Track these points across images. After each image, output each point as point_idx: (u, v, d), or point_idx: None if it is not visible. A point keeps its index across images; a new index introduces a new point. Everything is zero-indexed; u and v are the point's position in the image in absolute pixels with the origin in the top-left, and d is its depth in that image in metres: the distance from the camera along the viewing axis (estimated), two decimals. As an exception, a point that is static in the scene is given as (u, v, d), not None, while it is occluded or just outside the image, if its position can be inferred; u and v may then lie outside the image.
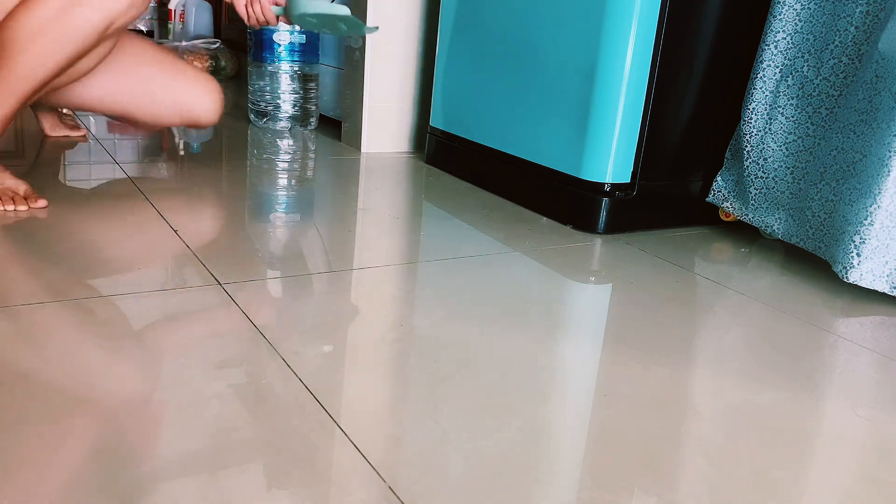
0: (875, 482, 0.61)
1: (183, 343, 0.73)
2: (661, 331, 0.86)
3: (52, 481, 0.51)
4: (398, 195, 1.42)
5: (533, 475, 0.57)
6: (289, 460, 0.56)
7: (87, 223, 1.06)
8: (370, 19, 1.64)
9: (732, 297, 0.99)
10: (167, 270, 0.92)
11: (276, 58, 1.79)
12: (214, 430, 0.59)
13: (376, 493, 0.53)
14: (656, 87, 1.16)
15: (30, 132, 1.55)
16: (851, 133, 1.03)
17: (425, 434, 0.61)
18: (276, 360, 0.70)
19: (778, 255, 1.20)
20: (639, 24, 1.12)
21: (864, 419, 0.70)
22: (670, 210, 1.28)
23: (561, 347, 0.80)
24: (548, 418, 0.65)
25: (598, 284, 1.02)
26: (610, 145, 1.17)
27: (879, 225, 0.98)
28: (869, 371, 0.82)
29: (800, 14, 1.10)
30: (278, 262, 0.99)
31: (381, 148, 1.73)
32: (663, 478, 0.58)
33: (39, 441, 0.55)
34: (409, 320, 0.84)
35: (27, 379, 0.64)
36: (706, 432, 0.65)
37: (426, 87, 1.71)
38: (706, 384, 0.74)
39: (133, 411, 0.61)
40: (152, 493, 0.51)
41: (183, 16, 2.81)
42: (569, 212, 1.24)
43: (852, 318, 0.96)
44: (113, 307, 0.79)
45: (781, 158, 1.15)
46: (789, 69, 1.13)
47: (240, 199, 1.30)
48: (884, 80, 0.97)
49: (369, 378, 0.70)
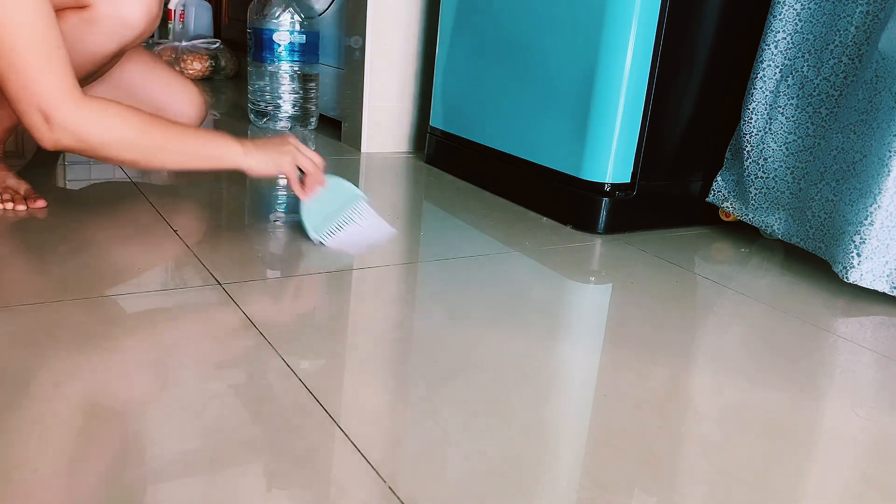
0: (875, 482, 0.61)
1: (183, 343, 0.73)
2: (661, 331, 0.86)
3: (51, 481, 0.51)
4: (398, 195, 1.42)
5: (533, 475, 0.57)
6: (289, 460, 0.56)
7: (87, 223, 1.06)
8: (370, 19, 1.64)
9: (732, 297, 0.99)
10: (167, 270, 0.92)
11: (276, 58, 1.79)
12: (214, 430, 0.59)
13: (376, 493, 0.53)
14: (656, 87, 1.16)
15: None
16: (851, 133, 1.03)
17: (425, 434, 0.61)
18: (276, 360, 0.70)
19: (778, 255, 1.20)
20: (639, 24, 1.12)
21: (864, 419, 0.70)
22: (670, 210, 1.28)
23: (561, 347, 0.80)
24: (548, 418, 0.65)
25: (598, 284, 1.02)
26: (610, 145, 1.17)
27: (879, 225, 0.98)
28: (869, 371, 0.82)
29: (800, 14, 1.10)
30: (278, 262, 0.99)
31: (381, 148, 1.73)
32: (663, 478, 0.58)
33: (39, 441, 0.55)
34: (409, 320, 0.84)
35: (26, 379, 0.64)
36: (706, 432, 0.65)
37: (426, 87, 1.71)
38: (706, 384, 0.74)
39: (133, 411, 0.61)
40: (152, 493, 0.51)
41: (183, 16, 2.81)
42: (569, 212, 1.24)
43: (852, 318, 0.96)
44: (113, 307, 0.79)
45: (781, 158, 1.15)
46: (789, 69, 1.13)
47: (240, 200, 1.30)
48: (884, 80, 0.97)
49: (369, 378, 0.70)
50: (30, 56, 0.87)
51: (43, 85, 0.88)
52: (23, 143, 1.46)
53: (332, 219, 1.06)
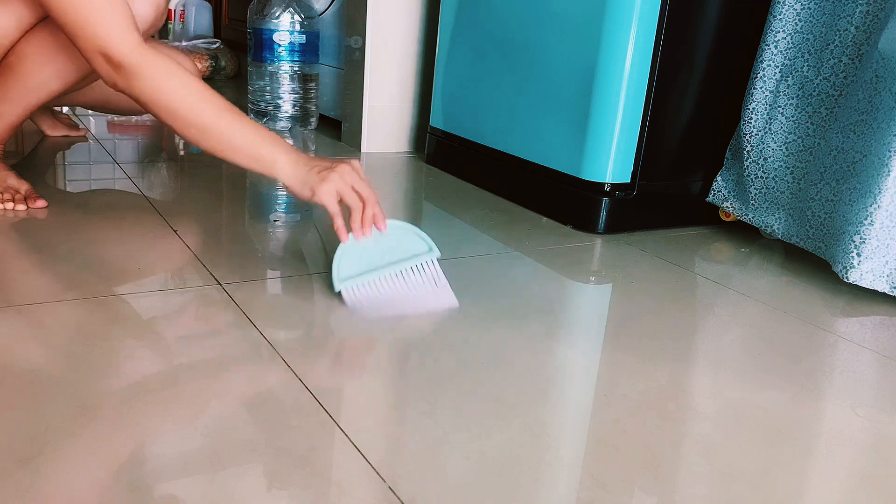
0: (875, 482, 0.61)
1: (183, 343, 0.73)
2: (660, 331, 0.86)
3: (51, 482, 0.51)
4: (398, 195, 1.42)
5: (533, 475, 0.57)
6: (289, 460, 0.56)
7: (87, 223, 1.06)
8: (370, 19, 1.64)
9: (732, 297, 0.99)
10: (167, 270, 0.92)
11: (276, 58, 1.79)
12: (214, 430, 0.59)
13: (376, 493, 0.53)
14: (656, 87, 1.16)
15: (29, 132, 1.55)
16: (851, 133, 1.03)
17: (425, 434, 0.61)
18: (276, 360, 0.70)
19: (778, 255, 1.20)
20: (639, 24, 1.12)
21: (864, 419, 0.70)
22: (670, 210, 1.28)
23: (561, 347, 0.80)
24: (548, 418, 0.65)
25: (598, 284, 1.02)
26: (610, 145, 1.17)
27: (879, 225, 0.98)
28: (869, 371, 0.82)
29: (800, 14, 1.10)
30: (278, 262, 0.99)
31: (381, 148, 1.73)
32: (663, 478, 0.58)
33: (39, 441, 0.55)
34: (409, 320, 0.84)
35: (27, 378, 0.63)
36: (706, 432, 0.65)
37: (426, 87, 1.71)
38: (706, 384, 0.74)
39: (133, 411, 0.61)
40: (152, 493, 0.51)
41: (183, 16, 2.81)
42: (569, 212, 1.24)
43: (852, 318, 0.96)
44: (113, 307, 0.79)
45: (781, 158, 1.15)
46: (789, 69, 1.13)
47: (240, 200, 1.30)
48: (884, 80, 0.97)
49: (369, 378, 0.70)
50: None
51: (105, 26, 0.87)
52: (23, 144, 1.47)
53: (373, 272, 0.85)
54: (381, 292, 0.85)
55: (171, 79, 0.89)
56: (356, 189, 0.85)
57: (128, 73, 0.88)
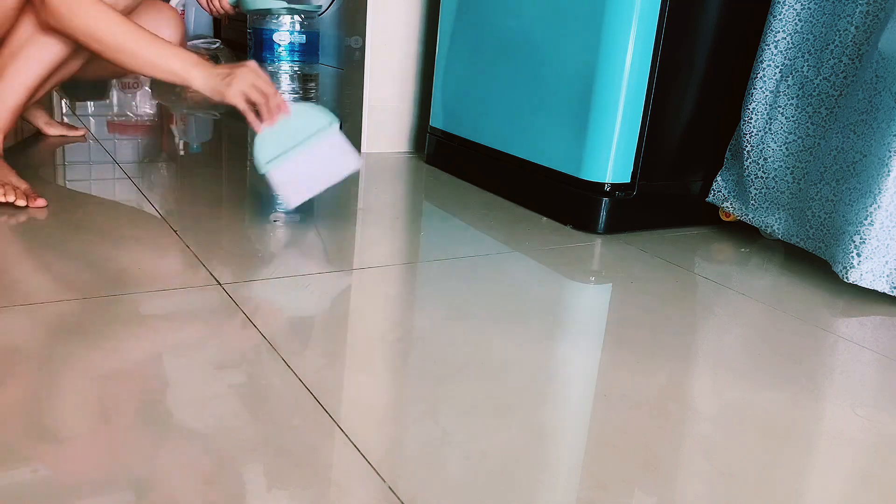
0: (875, 482, 0.61)
1: (183, 343, 0.73)
2: (661, 331, 0.86)
3: (50, 481, 0.51)
4: (398, 195, 1.42)
5: (533, 475, 0.57)
6: (289, 460, 0.56)
7: (87, 223, 1.06)
8: (370, 19, 1.64)
9: (732, 297, 0.99)
10: (167, 270, 0.92)
11: (276, 58, 1.79)
12: (214, 430, 0.59)
13: (376, 493, 0.53)
14: (656, 87, 1.16)
15: (29, 132, 1.55)
16: (851, 133, 1.03)
17: (425, 434, 0.61)
18: (276, 360, 0.70)
19: (778, 255, 1.20)
20: (639, 24, 1.12)
21: (864, 419, 0.70)
22: (670, 210, 1.28)
23: (561, 348, 0.80)
24: (548, 418, 0.65)
25: (598, 284, 1.02)
26: (610, 145, 1.17)
27: (879, 225, 0.98)
28: (869, 371, 0.82)
29: (800, 14, 1.11)
30: (278, 262, 0.99)
31: (381, 148, 1.73)
32: (663, 478, 0.58)
33: (38, 441, 0.55)
34: (409, 320, 0.84)
35: (27, 379, 0.64)
36: (706, 432, 0.65)
37: (426, 87, 1.71)
38: (706, 384, 0.74)
39: (133, 411, 0.61)
40: (152, 493, 0.51)
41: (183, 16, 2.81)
42: (569, 212, 1.24)
43: (852, 318, 0.96)
44: (113, 307, 0.79)
45: (781, 158, 1.15)
46: (789, 69, 1.13)
47: (240, 199, 1.30)
48: (884, 80, 0.97)
49: (369, 378, 0.70)
50: None
51: None
52: (22, 143, 1.46)
53: (290, 150, 0.98)
54: (299, 169, 1.00)
55: (90, 9, 1.03)
56: (257, 86, 1.01)
57: (49, 9, 1.03)
